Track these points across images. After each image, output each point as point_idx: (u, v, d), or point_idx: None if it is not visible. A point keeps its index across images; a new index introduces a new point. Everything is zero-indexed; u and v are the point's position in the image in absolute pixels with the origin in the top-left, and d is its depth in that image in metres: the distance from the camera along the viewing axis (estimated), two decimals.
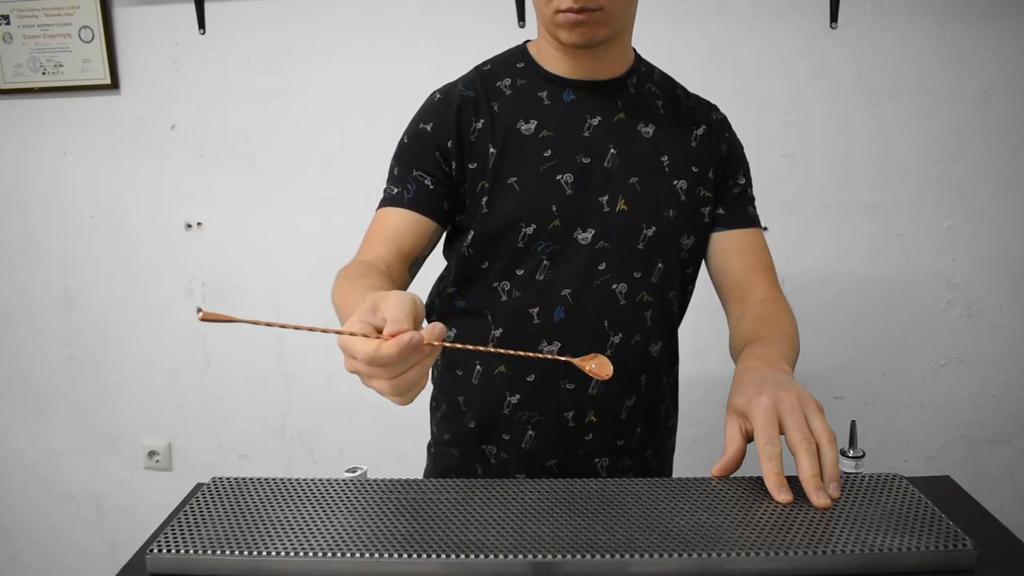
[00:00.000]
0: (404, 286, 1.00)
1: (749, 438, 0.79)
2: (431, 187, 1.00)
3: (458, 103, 1.01)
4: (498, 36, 1.06)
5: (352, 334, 0.65)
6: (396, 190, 1.02)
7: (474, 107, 1.00)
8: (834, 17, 1.69)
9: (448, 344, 0.73)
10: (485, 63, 1.06)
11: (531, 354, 0.78)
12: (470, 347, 0.79)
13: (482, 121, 1.00)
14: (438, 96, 1.04)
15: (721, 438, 0.82)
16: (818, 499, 0.73)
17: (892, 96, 1.72)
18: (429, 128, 1.01)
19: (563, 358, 0.77)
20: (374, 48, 1.79)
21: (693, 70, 1.25)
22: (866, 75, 1.72)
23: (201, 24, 1.81)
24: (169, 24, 1.81)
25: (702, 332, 1.42)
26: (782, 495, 0.74)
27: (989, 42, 1.69)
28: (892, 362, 1.85)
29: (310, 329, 0.67)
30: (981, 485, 1.80)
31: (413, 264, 1.02)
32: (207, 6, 1.80)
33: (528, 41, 1.07)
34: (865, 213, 1.78)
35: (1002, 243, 1.78)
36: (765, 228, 1.10)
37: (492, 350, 0.84)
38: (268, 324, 0.67)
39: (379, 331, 0.66)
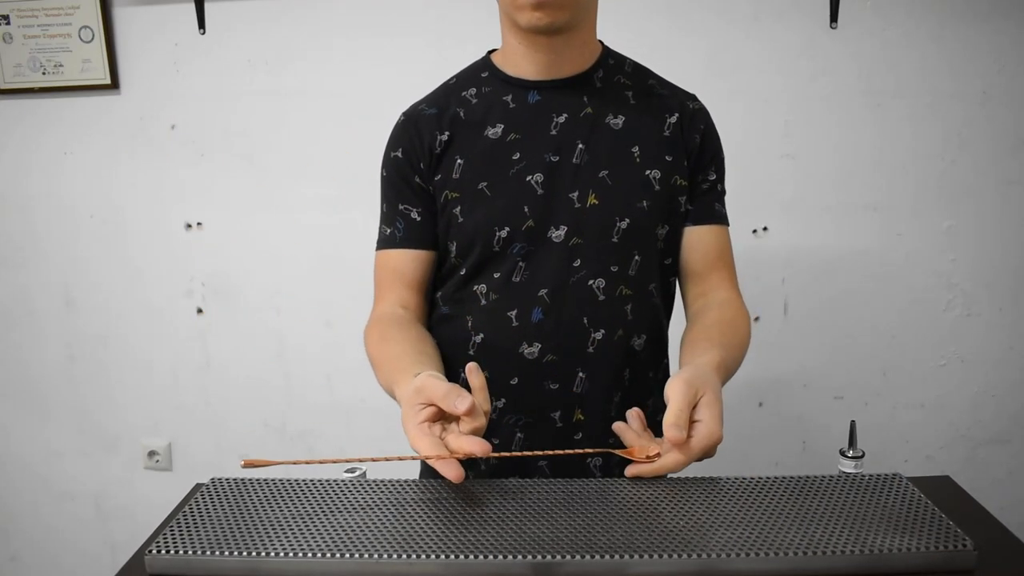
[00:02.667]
0: (424, 313, 1.09)
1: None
2: (418, 219, 1.05)
3: (422, 122, 1.04)
4: (499, 35, 1.06)
5: (427, 457, 0.77)
6: (388, 231, 1.07)
7: (437, 121, 1.03)
8: (834, 17, 1.69)
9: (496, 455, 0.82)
10: (452, 78, 1.09)
11: (575, 451, 0.96)
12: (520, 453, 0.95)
13: (447, 133, 1.03)
14: (402, 119, 1.07)
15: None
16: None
17: (892, 96, 1.72)
18: (400, 154, 1.05)
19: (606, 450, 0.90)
20: (374, 48, 1.79)
21: (693, 70, 1.25)
22: (866, 75, 1.72)
23: (201, 24, 1.81)
24: (169, 24, 1.81)
25: None
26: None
27: (989, 42, 1.69)
28: (892, 362, 1.84)
29: (373, 460, 0.82)
30: (981, 485, 1.78)
31: (426, 290, 1.09)
32: (207, 6, 1.80)
33: (492, 51, 1.09)
34: (865, 213, 1.77)
35: (1002, 243, 1.78)
36: (765, 229, 1.10)
37: (539, 453, 0.93)
38: (320, 461, 0.81)
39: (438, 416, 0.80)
